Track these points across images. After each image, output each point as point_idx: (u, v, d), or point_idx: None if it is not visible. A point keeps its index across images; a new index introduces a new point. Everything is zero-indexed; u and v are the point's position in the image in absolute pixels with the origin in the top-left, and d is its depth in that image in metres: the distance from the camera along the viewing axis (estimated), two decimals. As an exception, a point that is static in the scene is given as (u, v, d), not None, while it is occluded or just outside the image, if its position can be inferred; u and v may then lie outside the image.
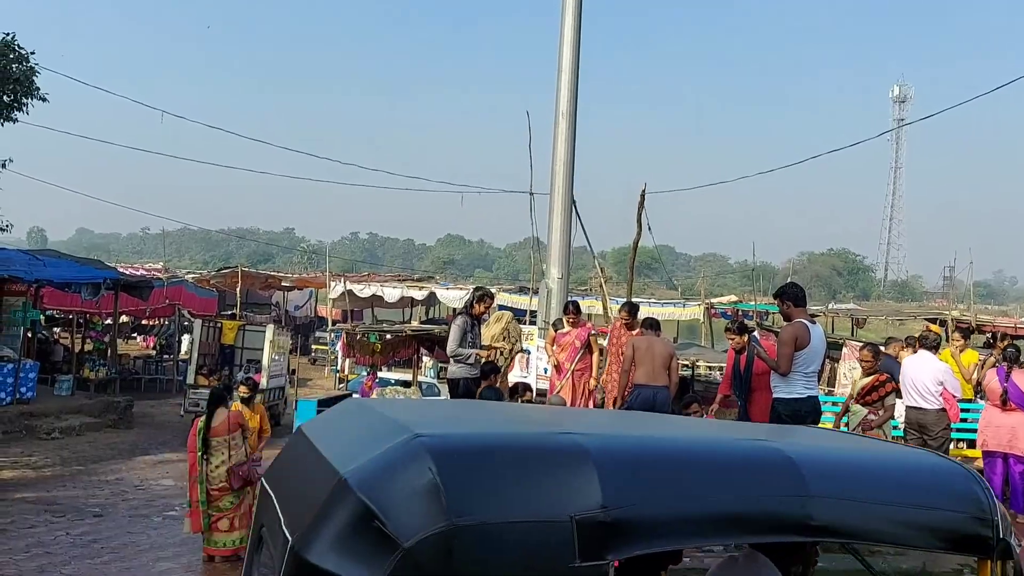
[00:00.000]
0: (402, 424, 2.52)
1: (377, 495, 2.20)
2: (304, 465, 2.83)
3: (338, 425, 3.09)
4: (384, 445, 2.38)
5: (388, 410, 3.02)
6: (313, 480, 2.57)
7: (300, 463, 2.91)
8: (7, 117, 17.96)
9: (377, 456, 2.34)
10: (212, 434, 7.91)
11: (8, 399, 16.89)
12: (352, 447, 2.60)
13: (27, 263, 18.87)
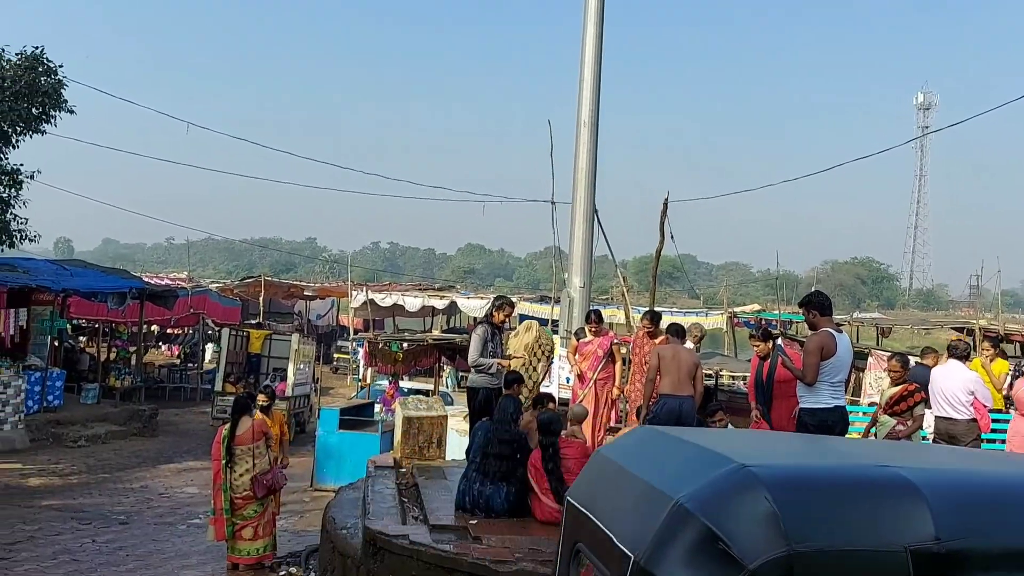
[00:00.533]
0: (720, 454, 2.79)
1: (718, 520, 2.46)
2: (621, 487, 3.13)
3: (645, 452, 3.35)
4: (711, 473, 2.65)
5: (694, 439, 3.24)
6: (639, 502, 2.85)
7: (615, 485, 3.21)
8: (36, 129, 18.23)
9: (708, 483, 2.61)
10: (236, 443, 7.94)
11: (36, 407, 17.09)
12: (673, 474, 2.87)
13: (54, 273, 19.14)
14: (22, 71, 17.40)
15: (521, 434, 7.05)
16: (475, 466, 6.99)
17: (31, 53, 17.68)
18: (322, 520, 8.25)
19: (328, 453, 13.55)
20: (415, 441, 9.47)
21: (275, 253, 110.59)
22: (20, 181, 18.41)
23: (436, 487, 8.14)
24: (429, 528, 6.76)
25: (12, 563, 8.47)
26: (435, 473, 8.75)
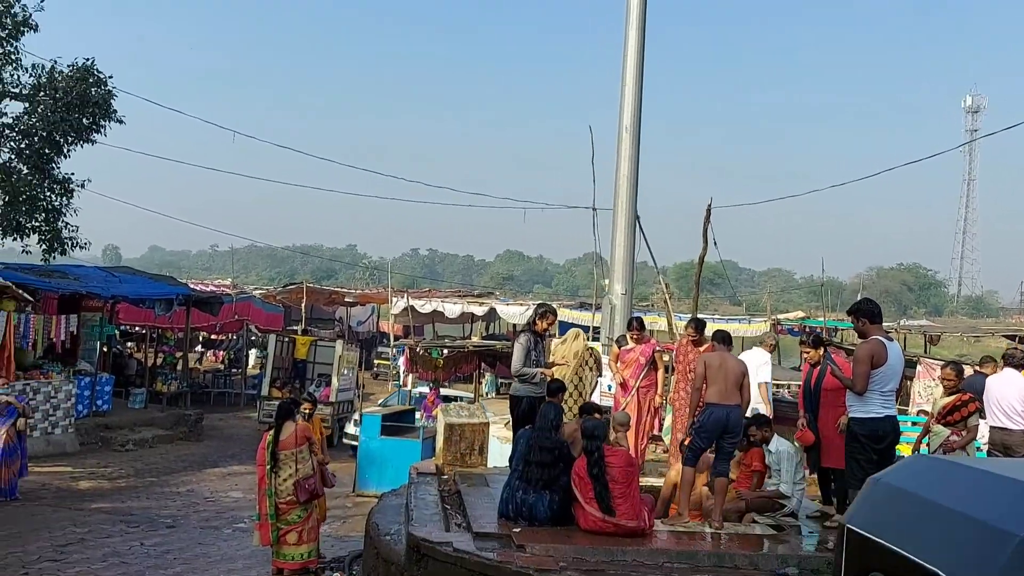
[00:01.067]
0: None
1: None
2: (931, 519, 3.20)
3: (948, 483, 3.41)
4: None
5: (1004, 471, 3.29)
6: (965, 536, 2.94)
7: (921, 516, 3.28)
8: (86, 139, 18.65)
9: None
10: (280, 447, 8.00)
11: (85, 411, 17.47)
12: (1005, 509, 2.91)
13: (104, 280, 19.58)
14: (73, 82, 17.84)
15: (563, 442, 7.00)
16: (518, 474, 6.96)
17: (82, 64, 18.12)
18: (365, 526, 8.28)
19: (370, 459, 13.64)
20: (457, 448, 9.47)
21: (316, 260, 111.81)
22: (71, 190, 18.88)
23: (479, 494, 8.12)
24: (473, 536, 6.74)
25: (64, 564, 8.64)
26: (477, 480, 8.73)
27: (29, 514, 11.21)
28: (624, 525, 6.52)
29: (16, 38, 17.74)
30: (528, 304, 32.48)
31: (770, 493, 7.49)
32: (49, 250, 18.91)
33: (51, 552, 9.11)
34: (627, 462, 6.70)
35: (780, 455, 7.54)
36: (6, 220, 18.30)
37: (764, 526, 7.20)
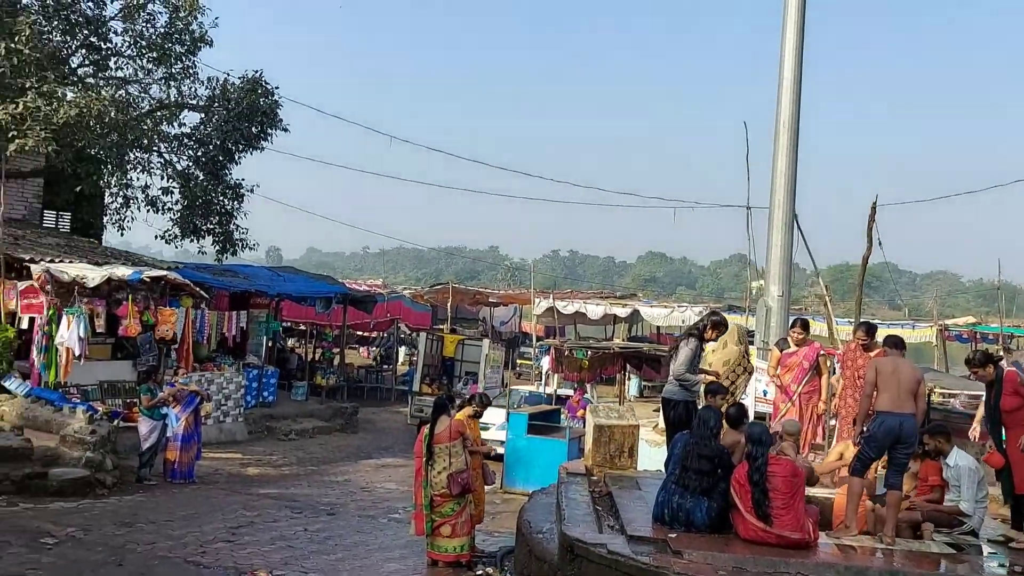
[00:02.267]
0: None
1: None
2: None
3: None
4: None
5: None
6: None
7: None
8: (255, 146, 19.92)
9: None
10: (435, 441, 8.21)
11: (253, 402, 18.61)
12: None
13: (270, 279, 20.81)
14: (244, 93, 19.09)
15: (723, 450, 6.80)
16: (674, 478, 6.81)
17: (251, 76, 19.37)
18: (517, 523, 8.36)
19: (517, 457, 13.79)
20: (606, 449, 9.40)
21: (460, 261, 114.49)
22: (241, 194, 20.23)
23: (630, 497, 8.03)
24: (627, 538, 6.66)
25: (236, 546, 9.21)
26: (628, 483, 8.64)
27: (205, 497, 12.04)
28: (787, 536, 6.26)
29: (194, 53, 19.17)
30: (671, 307, 31.93)
31: (948, 509, 6.98)
32: (222, 251, 20.36)
33: (224, 533, 9.73)
34: (791, 472, 6.42)
35: (960, 470, 7.01)
36: (185, 223, 19.84)
37: (941, 544, 6.72)
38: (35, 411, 13.06)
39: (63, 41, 17.87)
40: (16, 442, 10.99)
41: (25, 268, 14.85)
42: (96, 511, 10.43)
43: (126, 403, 15.22)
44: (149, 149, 18.72)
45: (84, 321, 14.04)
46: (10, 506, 10.09)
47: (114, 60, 18.99)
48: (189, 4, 18.51)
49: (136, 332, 15.28)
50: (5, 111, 14.64)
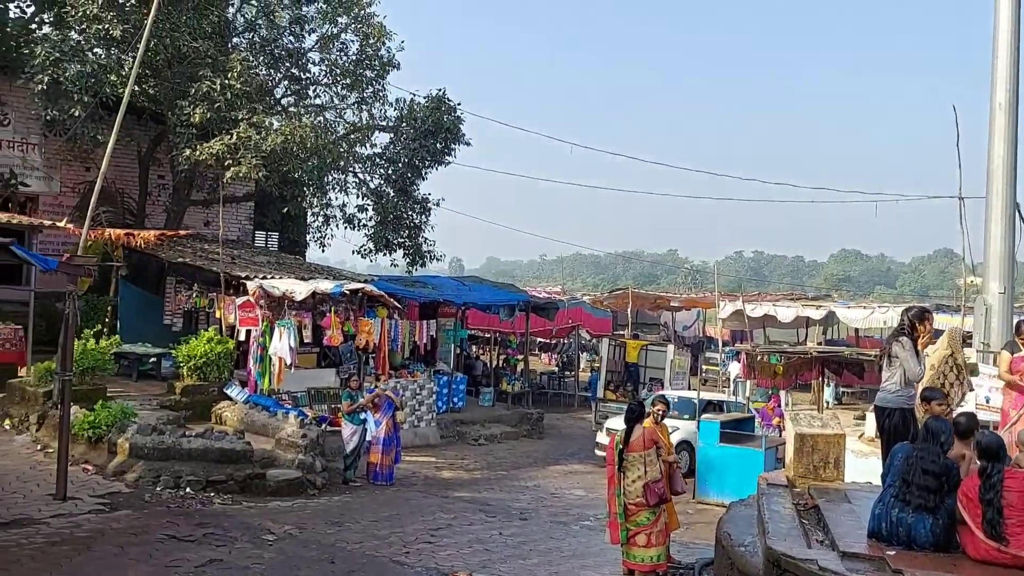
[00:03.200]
0: None
1: None
2: None
3: None
4: None
5: None
6: None
7: None
8: (439, 162, 20.74)
9: None
10: (628, 450, 8.10)
11: (444, 407, 19.28)
12: None
13: (456, 288, 21.53)
14: (429, 112, 19.93)
15: (952, 465, 6.20)
16: (893, 491, 6.30)
17: (435, 95, 20.19)
18: (716, 534, 8.07)
19: (709, 466, 13.38)
20: (809, 460, 8.88)
21: (638, 265, 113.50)
22: (428, 208, 21.11)
23: (839, 511, 7.52)
24: (839, 555, 6.23)
25: (436, 547, 9.54)
26: (836, 496, 8.11)
27: (404, 498, 12.58)
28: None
29: (383, 77, 20.24)
30: (872, 307, 29.86)
31: None
32: (412, 263, 21.34)
33: (425, 535, 10.11)
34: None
35: None
36: (378, 237, 20.96)
37: None
38: (253, 416, 14.20)
39: (268, 74, 19.43)
40: (239, 445, 11.97)
41: (241, 285, 16.21)
42: (308, 510, 11.15)
43: (331, 408, 16.22)
44: (345, 170, 19.96)
45: (293, 332, 15.12)
46: (235, 504, 10.98)
47: (312, 89, 20.42)
48: (377, 31, 19.57)
49: (339, 342, 16.28)
50: (222, 142, 16.09)
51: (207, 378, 15.29)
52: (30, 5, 18.40)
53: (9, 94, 18.49)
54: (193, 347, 15.28)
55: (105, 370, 14.16)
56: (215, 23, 17.55)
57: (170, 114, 17.44)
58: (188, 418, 14.15)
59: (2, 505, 9.47)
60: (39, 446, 12.37)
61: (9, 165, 18.52)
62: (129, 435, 11.65)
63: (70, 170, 20.03)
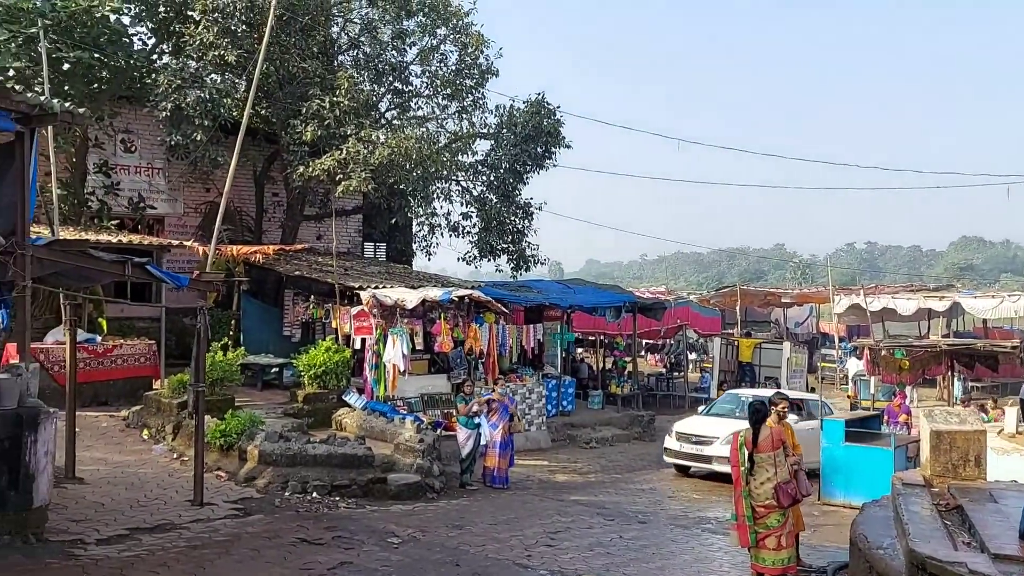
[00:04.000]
0: None
1: None
2: None
3: None
4: None
5: None
6: None
7: None
8: (541, 166, 20.80)
9: None
10: (757, 450, 7.89)
11: (553, 411, 19.29)
12: None
13: (561, 291, 21.52)
14: (528, 117, 20.03)
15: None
16: (1049, 491, 5.91)
17: (534, 100, 20.27)
18: (850, 537, 7.76)
19: (835, 466, 12.89)
20: (947, 458, 8.43)
21: (743, 262, 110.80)
22: (531, 213, 21.20)
23: (985, 511, 7.11)
24: (990, 557, 5.89)
25: (558, 550, 9.53)
26: (979, 495, 7.66)
27: (521, 502, 12.64)
28: None
29: (482, 85, 20.48)
30: (1001, 296, 28.16)
31: None
32: (516, 268, 21.48)
33: (545, 538, 10.12)
34: None
35: None
36: (482, 244, 21.20)
37: None
38: (371, 422, 14.59)
39: (372, 89, 19.96)
40: (361, 451, 12.31)
41: (355, 295, 16.69)
42: (429, 514, 11.34)
43: (443, 413, 16.49)
44: (449, 179, 20.28)
45: (406, 339, 15.46)
46: (359, 508, 11.28)
47: (414, 101, 20.85)
48: (476, 40, 19.83)
49: (449, 348, 16.55)
50: (332, 158, 16.62)
51: (327, 386, 15.81)
52: (150, 37, 19.47)
53: (135, 122, 19.65)
54: (313, 356, 15.82)
55: (233, 381, 14.84)
56: (321, 43, 18.18)
57: (283, 133, 18.15)
58: (310, 425, 14.66)
59: (146, 511, 10.01)
60: (175, 454, 13.04)
61: (138, 189, 19.67)
62: (258, 442, 12.15)
63: (192, 191, 21.10)
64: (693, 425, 15.62)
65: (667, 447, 15.73)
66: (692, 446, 15.05)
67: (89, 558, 8.00)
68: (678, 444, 15.38)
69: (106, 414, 15.01)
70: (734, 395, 17.10)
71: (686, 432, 15.36)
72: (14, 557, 7.70)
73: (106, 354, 15.58)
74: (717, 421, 15.55)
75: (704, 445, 14.83)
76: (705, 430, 15.13)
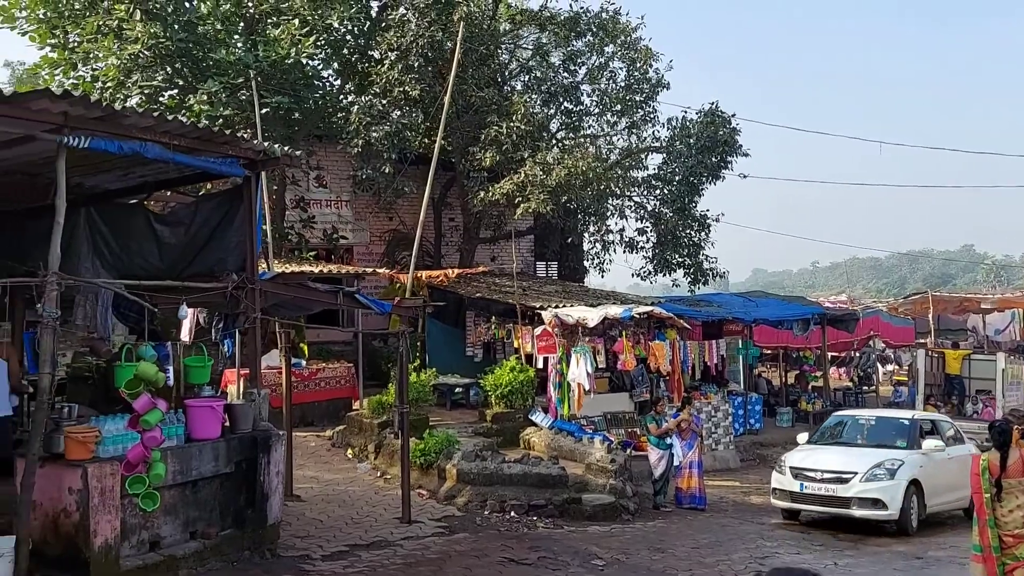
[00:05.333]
0: None
1: None
2: None
3: None
4: None
5: None
6: None
7: None
8: (716, 176, 20.33)
9: None
10: (1005, 475, 7.24)
11: (740, 429, 18.66)
12: None
13: (742, 305, 20.87)
14: (703, 127, 19.65)
15: None
16: None
17: (708, 109, 19.87)
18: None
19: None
20: None
21: (926, 266, 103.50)
22: (707, 225, 20.73)
23: None
24: None
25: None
26: None
27: (720, 524, 12.28)
28: None
29: (652, 99, 20.31)
30: None
31: None
32: (693, 281, 21.04)
33: (753, 563, 9.76)
34: None
35: None
36: (657, 259, 20.94)
37: None
38: (559, 441, 14.66)
39: (543, 111, 20.28)
40: (555, 471, 12.39)
41: (535, 315, 16.88)
42: (627, 535, 11.23)
43: (627, 432, 16.32)
44: (622, 196, 20.21)
45: (589, 358, 15.44)
46: (556, 528, 11.34)
47: (584, 120, 20.98)
48: (644, 55, 19.73)
49: (632, 365, 16.39)
50: (511, 181, 16.99)
51: (512, 405, 16.05)
52: (336, 78, 20.71)
53: (326, 158, 20.93)
54: (498, 376, 16.13)
55: (426, 401, 15.38)
56: (494, 70, 18.68)
57: (463, 161, 18.76)
58: (499, 444, 14.90)
59: (360, 528, 10.53)
60: (378, 472, 13.66)
61: (331, 222, 20.91)
62: (455, 461, 12.51)
63: (376, 221, 22.18)
64: (815, 458, 12.45)
65: (778, 487, 12.54)
66: (818, 485, 11.90)
67: (318, 573, 8.49)
68: (796, 484, 12.16)
69: (312, 434, 15.96)
70: (850, 418, 14.32)
71: (807, 468, 12.18)
72: (254, 571, 8.30)
73: (311, 377, 16.59)
74: (843, 452, 12.61)
75: (838, 484, 11.74)
76: (835, 464, 12.04)
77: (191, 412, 8.20)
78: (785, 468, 12.48)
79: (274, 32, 16.94)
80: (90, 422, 7.45)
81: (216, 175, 9.54)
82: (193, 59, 16.39)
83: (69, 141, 6.97)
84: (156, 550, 7.70)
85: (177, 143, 7.83)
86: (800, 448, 13.25)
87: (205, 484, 8.21)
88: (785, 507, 12.50)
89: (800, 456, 12.74)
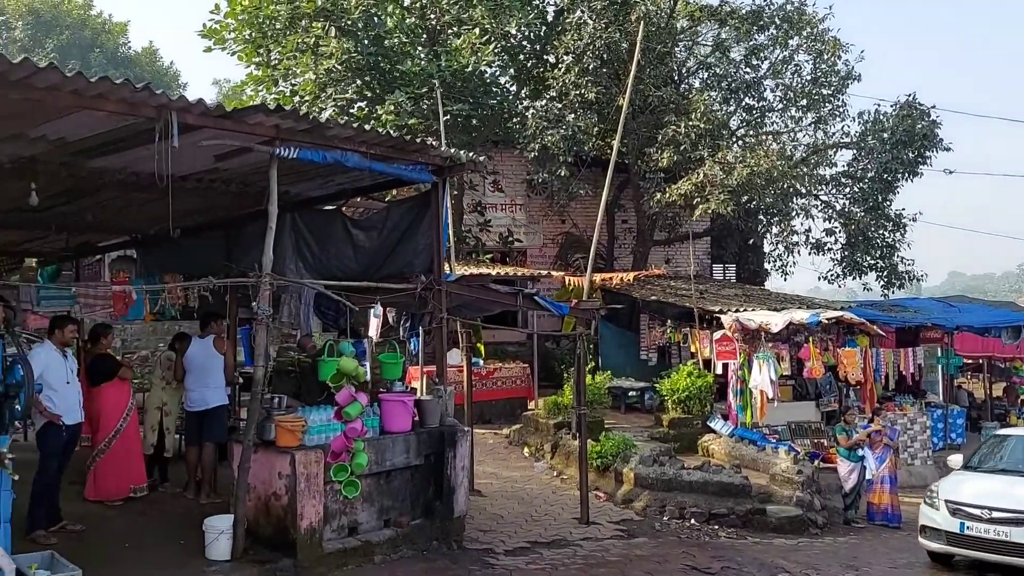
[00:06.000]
0: None
1: None
2: None
3: None
4: None
5: None
6: None
7: None
8: (914, 172, 18.94)
9: None
10: None
11: (940, 444, 17.31)
12: None
13: (943, 310, 19.36)
14: (898, 120, 18.37)
15: None
16: None
17: (904, 101, 18.56)
18: None
19: None
20: None
21: None
22: (903, 225, 19.36)
23: None
24: None
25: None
26: None
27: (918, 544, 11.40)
28: None
29: (841, 92, 19.23)
30: None
31: None
32: (886, 285, 19.71)
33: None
34: None
35: None
36: (846, 261, 19.79)
37: None
38: (740, 450, 14.19)
39: (723, 108, 19.71)
40: (737, 480, 11.99)
41: (714, 319, 16.43)
42: (816, 550, 10.68)
43: (813, 443, 15.54)
44: (808, 195, 19.28)
45: (773, 364, 14.84)
46: (739, 538, 10.96)
47: (767, 116, 20.19)
48: (832, 46, 18.71)
49: (820, 373, 15.59)
50: (690, 182, 16.64)
51: (690, 411, 15.72)
52: (511, 84, 21.13)
53: (501, 163, 21.41)
54: (675, 381, 15.85)
55: (601, 403, 15.37)
56: (672, 68, 18.36)
57: (639, 162, 18.58)
58: (676, 449, 14.59)
59: (540, 525, 10.65)
60: (555, 472, 13.77)
61: (505, 225, 21.37)
62: (632, 465, 12.38)
63: (549, 224, 22.42)
64: (979, 490, 9.92)
65: (929, 525, 10.10)
66: (987, 526, 9.34)
67: (503, 568, 8.66)
68: (955, 522, 9.68)
69: (490, 432, 16.36)
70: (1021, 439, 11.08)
71: (969, 503, 9.67)
72: (442, 561, 8.59)
73: (488, 376, 17.02)
74: (1018, 483, 9.74)
75: (1014, 526, 9.14)
76: (1009, 500, 9.40)
77: (385, 406, 8.61)
78: (939, 501, 10.01)
79: (455, 42, 17.52)
80: (297, 412, 7.99)
81: (407, 181, 9.97)
82: (381, 71, 17.25)
83: (281, 152, 7.52)
84: (354, 535, 8.15)
85: (374, 152, 8.26)
86: (956, 474, 10.79)
87: (397, 475, 8.59)
88: (937, 550, 10.08)
89: (961, 488, 10.13)
